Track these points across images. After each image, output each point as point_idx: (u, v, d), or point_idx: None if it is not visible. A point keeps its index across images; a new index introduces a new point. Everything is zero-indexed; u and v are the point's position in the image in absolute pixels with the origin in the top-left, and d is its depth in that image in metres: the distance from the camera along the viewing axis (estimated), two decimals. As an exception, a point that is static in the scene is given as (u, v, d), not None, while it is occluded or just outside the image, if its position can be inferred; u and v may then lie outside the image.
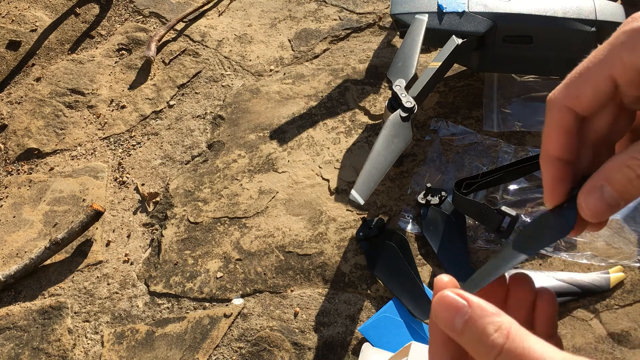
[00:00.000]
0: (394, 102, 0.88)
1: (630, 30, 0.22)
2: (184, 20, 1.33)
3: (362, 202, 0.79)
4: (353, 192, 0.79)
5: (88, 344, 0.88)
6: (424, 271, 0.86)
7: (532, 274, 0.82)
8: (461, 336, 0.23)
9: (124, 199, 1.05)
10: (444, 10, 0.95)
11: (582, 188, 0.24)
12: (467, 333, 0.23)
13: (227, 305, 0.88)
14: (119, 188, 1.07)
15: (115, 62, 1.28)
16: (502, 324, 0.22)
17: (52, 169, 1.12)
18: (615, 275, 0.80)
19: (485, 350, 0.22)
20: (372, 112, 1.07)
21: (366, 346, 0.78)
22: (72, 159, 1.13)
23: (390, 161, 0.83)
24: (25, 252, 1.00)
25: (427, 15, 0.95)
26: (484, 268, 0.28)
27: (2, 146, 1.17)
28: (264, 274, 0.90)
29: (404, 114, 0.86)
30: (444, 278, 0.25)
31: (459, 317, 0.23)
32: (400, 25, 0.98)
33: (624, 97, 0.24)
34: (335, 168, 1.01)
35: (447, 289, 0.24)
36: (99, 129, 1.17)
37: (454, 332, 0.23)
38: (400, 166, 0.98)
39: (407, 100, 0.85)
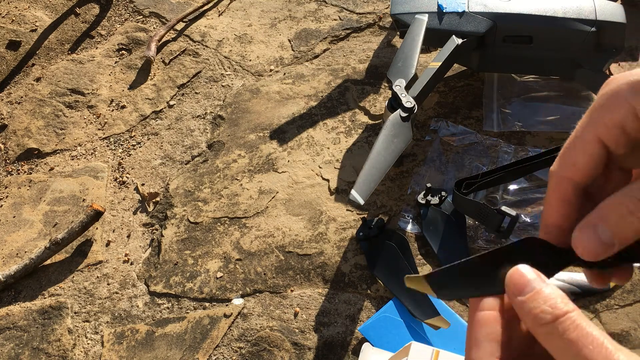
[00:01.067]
0: (394, 102, 0.88)
1: (607, 92, 0.23)
2: (184, 20, 1.33)
3: (362, 202, 0.79)
4: (353, 192, 0.79)
5: (88, 344, 0.88)
6: (424, 271, 0.86)
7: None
8: (523, 302, 0.24)
9: (124, 199, 1.05)
10: (444, 10, 0.95)
11: (577, 226, 0.25)
12: (534, 297, 0.24)
13: (227, 305, 0.88)
14: (119, 188, 1.07)
15: (115, 62, 1.28)
16: (570, 302, 0.23)
17: (52, 169, 1.12)
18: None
19: (548, 311, 0.23)
20: (372, 112, 1.07)
21: (366, 346, 0.78)
22: (72, 159, 1.13)
23: (390, 161, 0.83)
24: (25, 252, 1.00)
25: (427, 15, 0.94)
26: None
27: (2, 146, 1.17)
28: (264, 274, 0.90)
29: (404, 114, 0.86)
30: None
31: (533, 284, 0.24)
32: (400, 25, 0.98)
33: (616, 157, 0.25)
34: (335, 168, 1.01)
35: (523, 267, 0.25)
36: (99, 129, 1.17)
37: (521, 295, 0.24)
38: (400, 166, 0.98)
39: (407, 100, 0.85)
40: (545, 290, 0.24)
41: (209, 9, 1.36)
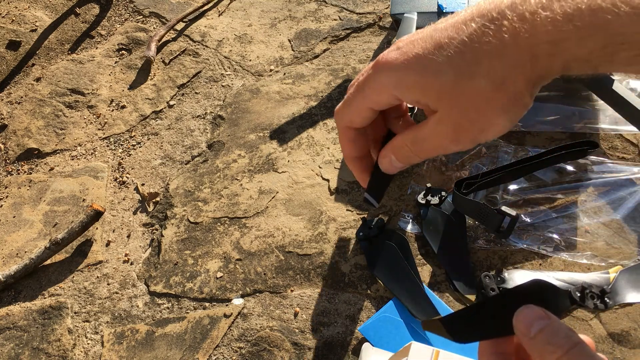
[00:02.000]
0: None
1: (376, 82, 0.33)
2: (184, 20, 1.33)
3: (376, 205, 0.79)
4: (366, 193, 0.80)
5: (88, 344, 0.88)
6: (424, 271, 0.86)
7: (532, 274, 0.82)
8: (533, 340, 0.28)
9: (124, 199, 1.05)
10: (444, 10, 0.95)
11: (380, 153, 0.37)
12: (541, 335, 0.27)
13: (227, 305, 0.88)
14: (119, 188, 1.07)
15: (115, 62, 1.28)
16: (574, 334, 0.27)
17: (52, 169, 1.12)
18: (615, 275, 0.80)
19: (553, 349, 0.26)
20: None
21: (366, 346, 0.78)
22: (72, 159, 1.13)
23: None
24: (25, 252, 1.00)
25: (416, 14, 0.95)
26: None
27: (2, 146, 1.17)
28: (264, 274, 0.90)
29: None
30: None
31: (539, 323, 0.28)
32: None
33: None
34: (335, 168, 1.01)
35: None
36: (99, 129, 1.17)
37: (528, 335, 0.28)
38: (400, 166, 0.98)
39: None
40: (551, 327, 0.27)
41: (209, 9, 1.36)
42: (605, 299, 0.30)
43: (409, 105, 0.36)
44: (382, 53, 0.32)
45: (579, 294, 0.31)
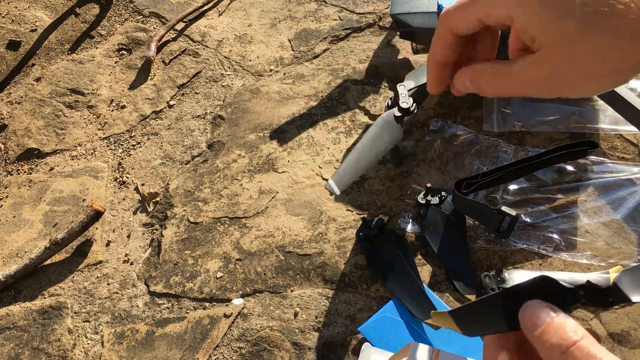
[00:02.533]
0: (393, 102, 0.88)
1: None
2: (184, 20, 1.33)
3: (338, 192, 0.79)
4: (330, 180, 0.80)
5: (88, 344, 0.88)
6: (424, 271, 0.86)
7: (532, 274, 0.82)
8: (540, 334, 0.28)
9: (124, 199, 1.05)
10: (444, 10, 0.94)
11: (457, 73, 0.37)
12: (548, 329, 0.27)
13: (227, 305, 0.88)
14: (119, 188, 1.07)
15: (115, 62, 1.28)
16: (580, 329, 0.27)
17: (52, 169, 1.12)
18: (615, 275, 0.80)
19: (559, 343, 0.26)
20: (372, 112, 1.07)
21: (366, 346, 0.78)
22: (72, 159, 1.13)
23: (374, 158, 0.84)
24: (25, 252, 1.00)
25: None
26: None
27: (2, 146, 1.17)
28: (264, 274, 0.90)
29: (398, 114, 0.86)
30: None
31: (544, 317, 0.28)
32: (400, 25, 0.98)
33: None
34: (335, 168, 1.01)
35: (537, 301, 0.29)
36: (99, 129, 1.17)
37: (534, 331, 0.28)
38: (400, 166, 0.98)
39: (405, 102, 0.85)
40: (556, 321, 0.27)
41: (209, 9, 1.36)
42: (610, 299, 0.30)
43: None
44: None
45: (583, 293, 0.30)
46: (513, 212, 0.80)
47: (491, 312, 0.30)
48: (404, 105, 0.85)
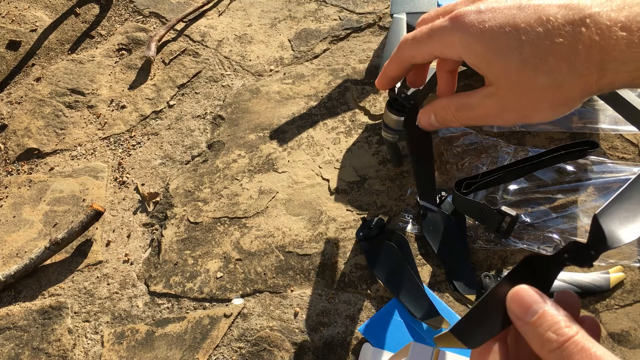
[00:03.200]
0: (393, 102, 0.87)
1: (447, 25, 0.34)
2: (184, 20, 1.33)
3: (435, 209, 0.83)
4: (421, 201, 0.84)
5: (88, 344, 0.88)
6: (424, 271, 0.86)
7: (532, 274, 0.82)
8: (528, 325, 0.27)
9: (124, 199, 1.05)
10: (444, 10, 0.94)
11: (421, 111, 0.40)
12: (539, 322, 0.27)
13: (227, 305, 0.88)
14: (119, 188, 1.07)
15: (115, 62, 1.28)
16: (573, 323, 0.27)
17: (52, 169, 1.12)
18: (615, 275, 0.80)
19: (554, 338, 0.26)
20: (372, 112, 1.07)
21: (366, 346, 0.78)
22: (72, 159, 1.13)
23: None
24: (25, 252, 1.00)
25: (405, 14, 0.96)
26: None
27: (2, 146, 1.17)
28: (264, 274, 0.90)
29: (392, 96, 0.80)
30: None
31: (535, 307, 0.27)
32: (400, 25, 0.98)
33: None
34: (335, 168, 1.01)
35: (524, 287, 0.29)
36: (99, 129, 1.17)
37: (524, 319, 0.27)
38: (400, 166, 0.98)
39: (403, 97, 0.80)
40: (549, 313, 0.27)
41: (209, 9, 1.36)
42: (591, 252, 0.30)
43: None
44: (461, 9, 0.33)
45: (566, 256, 0.30)
46: (513, 212, 0.80)
47: (488, 315, 0.30)
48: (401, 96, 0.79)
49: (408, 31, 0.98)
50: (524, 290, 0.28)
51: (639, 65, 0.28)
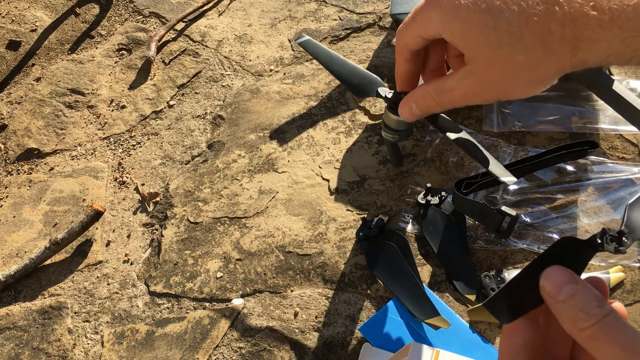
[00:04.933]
0: (391, 102, 0.86)
1: (423, 5, 0.35)
2: (184, 20, 1.33)
3: (299, 41, 0.83)
4: (306, 37, 0.84)
5: (88, 344, 0.88)
6: (424, 271, 0.86)
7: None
8: (561, 304, 0.27)
9: (124, 199, 1.05)
10: (444, 10, 0.94)
11: (400, 103, 0.41)
12: (571, 301, 0.26)
13: (227, 305, 0.88)
14: (119, 188, 1.07)
15: (115, 62, 1.28)
16: (605, 304, 0.26)
17: (52, 169, 1.12)
18: (615, 275, 0.80)
19: (586, 317, 0.26)
20: (372, 112, 1.08)
21: (366, 346, 0.78)
22: (72, 159, 1.13)
23: (335, 73, 0.82)
24: (25, 252, 1.00)
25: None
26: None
27: (2, 146, 1.17)
28: (264, 274, 0.90)
29: (386, 96, 0.77)
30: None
31: (568, 286, 0.27)
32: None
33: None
34: (335, 168, 1.01)
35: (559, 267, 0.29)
36: (99, 129, 1.17)
37: (557, 298, 0.27)
38: (400, 166, 0.98)
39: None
40: (581, 293, 0.27)
41: (209, 9, 1.36)
42: (623, 239, 0.30)
43: None
44: None
45: (599, 241, 0.30)
46: (513, 212, 0.80)
47: (521, 292, 0.30)
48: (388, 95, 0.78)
49: None
50: (558, 270, 0.28)
51: (611, 44, 0.28)
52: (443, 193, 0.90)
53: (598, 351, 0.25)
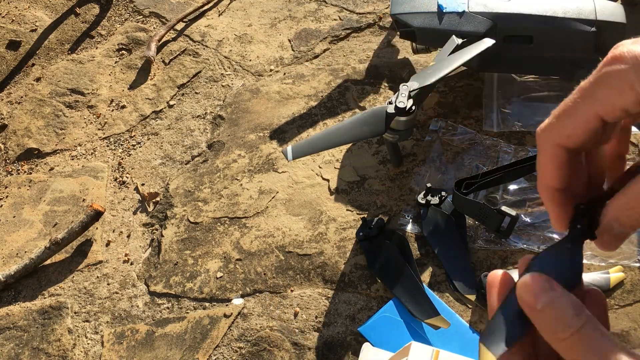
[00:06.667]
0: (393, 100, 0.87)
1: (613, 71, 0.24)
2: (184, 20, 1.33)
3: (290, 158, 0.83)
4: (289, 147, 0.82)
5: (88, 344, 0.88)
6: (424, 271, 0.86)
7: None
8: (539, 313, 0.25)
9: (124, 199, 1.05)
10: (444, 11, 0.95)
11: (597, 230, 0.28)
12: (548, 311, 0.25)
13: (227, 305, 0.88)
14: (119, 188, 1.07)
15: (115, 62, 1.28)
16: (584, 310, 0.25)
17: (52, 169, 1.12)
18: (615, 275, 0.80)
19: (562, 328, 0.25)
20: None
21: (366, 346, 0.78)
22: (72, 159, 1.13)
23: (343, 142, 0.85)
24: (25, 252, 1.00)
25: (460, 40, 0.91)
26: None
27: (2, 146, 1.17)
28: (264, 274, 0.90)
29: (391, 111, 0.84)
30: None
31: (544, 296, 0.26)
32: (400, 25, 0.98)
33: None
34: (335, 168, 1.01)
35: (535, 274, 0.27)
36: (99, 129, 1.17)
37: (534, 306, 0.26)
38: (400, 166, 0.98)
39: (402, 101, 0.84)
40: (557, 303, 0.26)
41: (209, 9, 1.36)
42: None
43: None
44: (617, 46, 0.24)
45: (579, 226, 0.29)
46: (513, 212, 0.80)
47: (510, 312, 0.29)
48: (400, 105, 0.83)
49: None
50: (534, 278, 0.27)
51: None
52: (443, 193, 0.90)
53: None
